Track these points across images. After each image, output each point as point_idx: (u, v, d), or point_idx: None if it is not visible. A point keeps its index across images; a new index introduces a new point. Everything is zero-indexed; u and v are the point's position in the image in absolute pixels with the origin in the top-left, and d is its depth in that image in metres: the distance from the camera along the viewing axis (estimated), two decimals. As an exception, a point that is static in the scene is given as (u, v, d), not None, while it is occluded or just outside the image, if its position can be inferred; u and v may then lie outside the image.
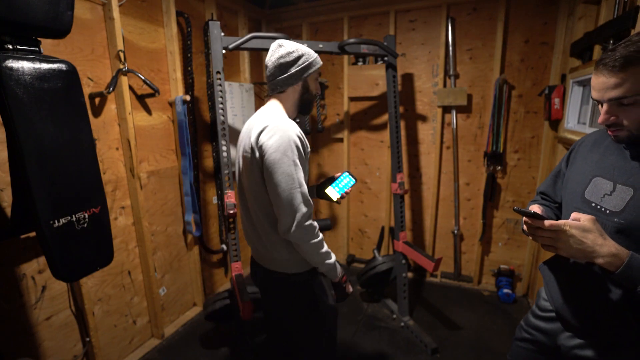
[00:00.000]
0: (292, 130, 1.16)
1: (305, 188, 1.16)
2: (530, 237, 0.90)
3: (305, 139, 1.22)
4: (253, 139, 1.18)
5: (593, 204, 0.92)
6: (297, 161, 1.14)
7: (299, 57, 1.26)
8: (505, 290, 2.69)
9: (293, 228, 1.14)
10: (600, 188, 0.92)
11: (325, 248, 1.24)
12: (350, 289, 1.38)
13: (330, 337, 1.43)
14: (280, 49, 1.26)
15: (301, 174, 1.15)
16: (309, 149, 1.26)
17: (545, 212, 1.02)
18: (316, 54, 1.32)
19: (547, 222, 0.83)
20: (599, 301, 0.91)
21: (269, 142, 1.13)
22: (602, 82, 0.82)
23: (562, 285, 1.03)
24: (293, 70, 1.25)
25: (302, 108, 1.35)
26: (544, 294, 1.13)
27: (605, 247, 0.79)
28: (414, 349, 2.21)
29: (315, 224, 1.20)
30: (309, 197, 1.17)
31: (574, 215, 0.84)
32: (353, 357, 2.18)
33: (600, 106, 0.88)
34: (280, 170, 1.12)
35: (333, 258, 1.27)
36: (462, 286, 2.96)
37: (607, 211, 0.88)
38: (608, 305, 0.89)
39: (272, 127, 1.15)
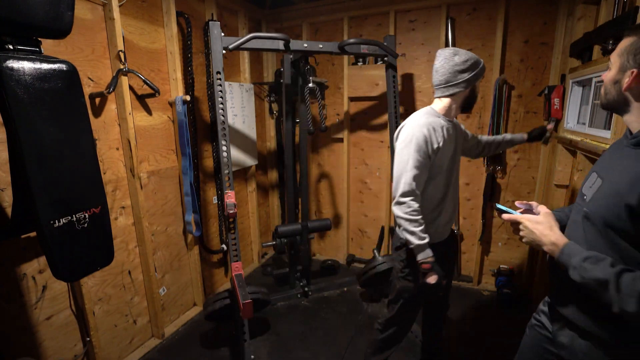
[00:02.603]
0: (418, 128, 1.41)
1: (411, 173, 1.40)
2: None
3: (436, 134, 1.43)
4: (395, 133, 1.54)
5: (585, 196, 0.98)
6: (413, 152, 1.40)
7: (473, 65, 1.42)
8: (505, 290, 2.69)
9: (394, 200, 1.45)
10: (591, 181, 0.98)
11: (412, 228, 1.41)
12: (432, 279, 1.45)
13: (404, 304, 1.69)
14: (456, 57, 1.41)
15: (413, 163, 1.40)
16: (439, 143, 1.44)
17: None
18: (482, 61, 1.47)
19: (504, 216, 1.03)
20: (567, 287, 0.97)
21: (401, 134, 1.48)
22: None
23: (551, 271, 1.10)
24: (467, 76, 1.42)
25: (466, 107, 1.54)
26: None
27: (548, 237, 0.93)
28: (414, 349, 2.21)
29: (413, 204, 1.41)
30: (413, 182, 1.41)
31: (538, 208, 1.03)
32: (353, 356, 2.18)
33: None
34: (398, 157, 1.44)
35: (417, 241, 1.41)
36: (462, 286, 2.96)
37: (585, 199, 0.97)
38: (572, 291, 0.96)
39: (407, 124, 1.47)
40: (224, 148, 1.99)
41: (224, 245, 2.84)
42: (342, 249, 3.46)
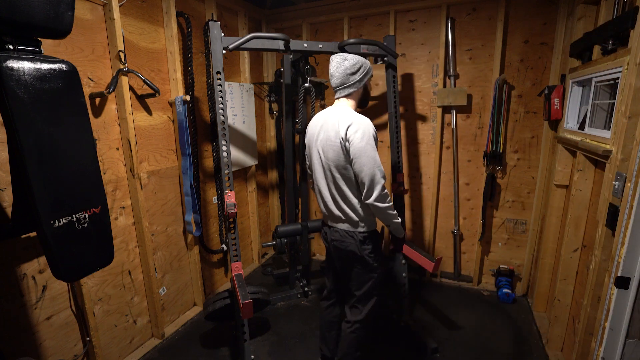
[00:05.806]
0: (369, 125, 1.55)
1: (382, 166, 1.53)
2: None
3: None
4: (342, 133, 1.54)
5: None
6: (375, 147, 1.54)
7: (360, 67, 1.61)
8: (505, 290, 2.69)
9: (374, 195, 1.52)
10: None
11: (394, 211, 1.62)
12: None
13: (378, 284, 1.77)
14: (346, 62, 1.60)
15: (377, 157, 1.53)
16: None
17: None
18: (369, 62, 1.68)
19: None
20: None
21: (356, 134, 1.50)
22: None
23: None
24: (358, 77, 1.62)
25: (362, 103, 1.75)
26: None
27: None
28: (413, 349, 2.21)
29: (388, 193, 1.58)
30: (384, 173, 1.55)
31: None
32: (353, 356, 2.18)
33: None
34: (366, 155, 1.50)
35: (399, 220, 1.68)
36: (462, 286, 2.96)
37: None
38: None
39: (356, 124, 1.53)
40: (224, 148, 1.99)
41: (224, 245, 2.84)
42: (342, 249, 3.46)
